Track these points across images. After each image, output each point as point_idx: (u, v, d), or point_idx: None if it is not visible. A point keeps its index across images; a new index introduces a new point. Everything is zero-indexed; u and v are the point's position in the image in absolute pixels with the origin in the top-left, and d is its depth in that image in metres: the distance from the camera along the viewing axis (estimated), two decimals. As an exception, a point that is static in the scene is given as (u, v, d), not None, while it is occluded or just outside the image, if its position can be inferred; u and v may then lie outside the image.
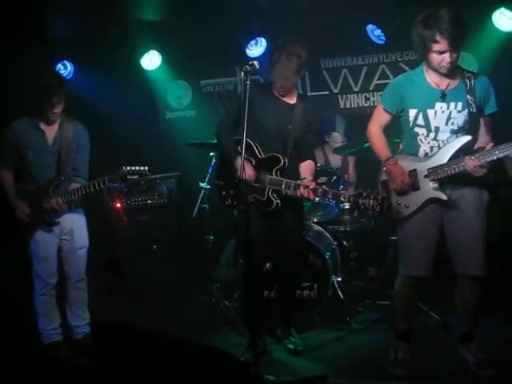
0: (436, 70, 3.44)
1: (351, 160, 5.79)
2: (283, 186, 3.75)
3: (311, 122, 3.97)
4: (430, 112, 3.49)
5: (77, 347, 4.24)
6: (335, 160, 5.70)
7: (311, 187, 3.67)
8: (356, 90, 6.35)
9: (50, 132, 4.23)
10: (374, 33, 5.94)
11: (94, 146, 4.42)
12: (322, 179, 4.95)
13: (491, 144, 3.37)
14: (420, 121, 3.54)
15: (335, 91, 6.43)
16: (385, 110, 3.67)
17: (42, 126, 4.22)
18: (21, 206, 4.19)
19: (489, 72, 5.54)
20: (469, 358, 3.57)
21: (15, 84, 5.19)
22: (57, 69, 6.47)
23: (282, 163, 3.81)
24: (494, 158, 3.30)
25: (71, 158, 4.24)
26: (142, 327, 2.85)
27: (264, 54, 6.05)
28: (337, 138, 5.78)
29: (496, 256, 4.70)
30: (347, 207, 5.20)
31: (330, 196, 3.72)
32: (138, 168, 3.97)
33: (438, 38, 3.27)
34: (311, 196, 3.69)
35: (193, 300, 5.49)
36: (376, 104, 6.04)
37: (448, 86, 3.48)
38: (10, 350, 4.10)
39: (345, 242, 5.20)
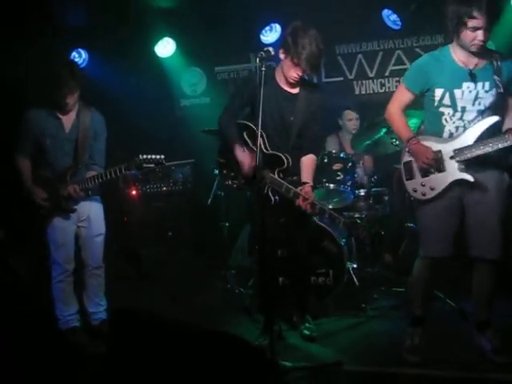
0: (466, 49, 3.38)
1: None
2: (283, 190, 3.71)
3: (315, 111, 3.89)
4: (457, 92, 3.44)
5: (94, 333, 4.27)
6: (350, 147, 5.64)
7: (309, 201, 3.64)
8: (371, 75, 6.33)
9: (68, 120, 4.24)
10: (390, 18, 5.90)
11: (109, 134, 4.43)
12: (338, 166, 4.91)
13: None
14: (446, 100, 3.48)
15: (350, 77, 6.41)
16: (408, 89, 3.59)
17: (60, 114, 4.22)
18: (38, 191, 4.20)
19: (507, 56, 5.50)
20: (485, 344, 3.55)
21: (30, 72, 5.22)
22: (71, 57, 6.51)
23: (285, 165, 3.77)
24: None
25: (88, 145, 4.25)
26: (158, 313, 2.88)
27: (278, 40, 6.02)
28: (350, 115, 5.68)
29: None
30: (362, 194, 5.18)
31: (326, 216, 3.69)
32: (153, 156, 3.99)
33: (475, 13, 3.22)
34: (308, 210, 3.65)
35: (208, 287, 5.53)
36: (392, 89, 6.02)
37: (476, 65, 3.44)
38: (28, 337, 4.17)
39: (360, 229, 5.17)
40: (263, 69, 3.43)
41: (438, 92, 3.49)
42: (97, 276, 4.35)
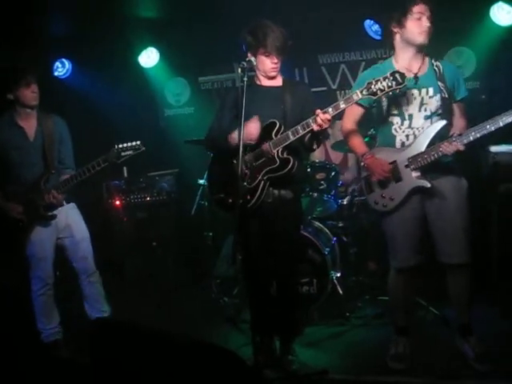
0: (413, 41, 3.46)
1: (351, 156, 5.76)
2: (291, 137, 3.50)
3: (304, 102, 3.72)
4: (402, 99, 3.51)
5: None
6: (336, 156, 5.68)
7: (321, 113, 3.37)
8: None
9: (30, 128, 4.18)
10: (372, 28, 5.94)
11: (91, 144, 4.42)
12: (321, 175, 4.94)
13: (467, 128, 3.42)
14: (393, 109, 3.56)
15: (333, 87, 6.43)
16: (357, 103, 3.59)
17: (21, 123, 4.17)
18: (12, 206, 4.14)
19: (487, 66, 5.58)
20: (468, 351, 3.58)
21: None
22: (55, 67, 6.50)
23: (277, 126, 3.60)
24: (471, 138, 3.32)
25: (56, 150, 4.21)
26: (143, 324, 2.86)
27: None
28: (340, 125, 5.63)
29: (495, 250, 4.71)
30: (346, 203, 5.20)
31: (342, 106, 3.39)
32: (130, 144, 3.94)
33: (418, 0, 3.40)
34: (328, 116, 3.37)
35: (192, 297, 5.51)
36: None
37: (418, 70, 3.52)
38: (10, 350, 4.12)
39: (344, 238, 5.20)
40: (245, 79, 3.42)
41: (385, 102, 3.56)
42: (93, 283, 4.30)
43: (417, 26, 3.42)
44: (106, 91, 6.39)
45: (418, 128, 3.52)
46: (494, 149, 4.72)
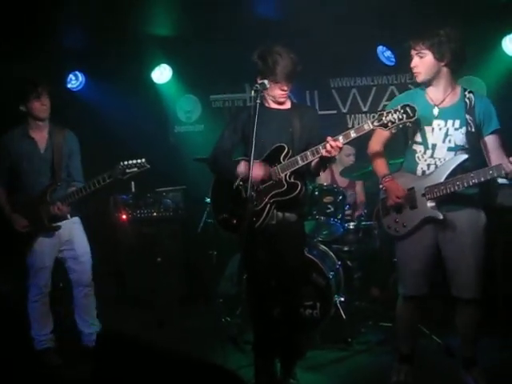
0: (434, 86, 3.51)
1: (359, 182, 5.78)
2: (300, 162, 3.52)
3: (312, 126, 3.75)
4: (428, 129, 3.51)
5: (84, 353, 4.25)
6: (342, 180, 5.68)
7: (332, 140, 3.38)
8: (365, 109, 6.40)
9: (41, 139, 4.28)
10: (384, 54, 5.98)
11: (102, 157, 4.45)
12: (328, 198, 4.95)
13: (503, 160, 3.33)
14: (418, 138, 3.56)
15: (344, 111, 6.47)
16: None
17: (32, 134, 4.26)
18: (17, 219, 4.21)
19: (497, 97, 5.59)
20: (471, 383, 3.55)
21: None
22: (68, 79, 6.55)
23: (286, 150, 3.60)
24: (482, 179, 3.30)
25: (64, 163, 4.29)
26: (143, 340, 2.85)
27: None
28: (349, 150, 5.63)
29: (499, 280, 4.69)
30: (352, 227, 5.20)
31: (352, 135, 3.39)
32: (135, 161, 4.00)
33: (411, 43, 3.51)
34: (339, 144, 3.38)
35: (195, 314, 5.50)
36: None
37: (447, 102, 3.51)
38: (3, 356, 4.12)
39: (349, 262, 5.19)
40: (258, 101, 3.44)
41: (410, 129, 3.55)
42: (87, 296, 4.36)
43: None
44: (117, 105, 6.43)
45: (440, 159, 3.49)
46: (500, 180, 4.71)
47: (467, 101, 3.49)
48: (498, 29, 5.53)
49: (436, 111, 3.50)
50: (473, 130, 3.46)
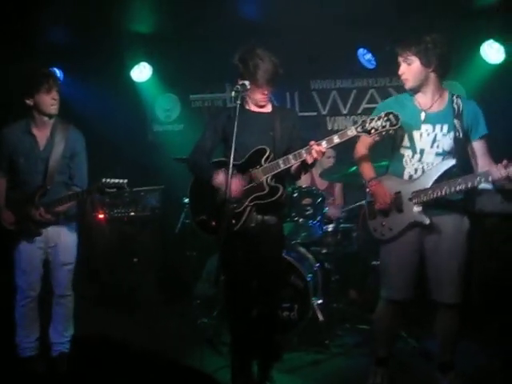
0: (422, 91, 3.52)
1: (338, 183, 5.78)
2: (281, 165, 3.51)
3: (292, 128, 3.74)
4: (416, 134, 3.52)
5: (51, 364, 4.12)
6: (321, 182, 5.68)
7: (315, 145, 3.39)
8: (344, 112, 6.42)
9: (42, 137, 4.07)
10: (365, 57, 6.01)
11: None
12: (307, 200, 4.95)
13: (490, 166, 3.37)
14: (406, 142, 3.56)
15: (324, 113, 6.49)
16: None
17: (34, 131, 4.06)
18: (6, 215, 4.06)
19: (476, 101, 5.64)
20: (446, 386, 3.56)
21: (6, 87, 5.12)
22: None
23: (267, 152, 3.59)
24: (469, 186, 3.33)
25: (62, 165, 4.07)
26: (119, 341, 2.81)
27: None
28: (329, 153, 5.60)
29: (476, 283, 4.74)
30: (331, 229, 5.20)
31: (336, 141, 3.40)
32: (116, 181, 3.86)
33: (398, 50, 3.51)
34: (322, 149, 3.38)
35: (171, 315, 5.45)
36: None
37: (435, 108, 3.52)
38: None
39: (327, 264, 5.19)
40: (238, 102, 3.42)
41: (399, 134, 3.56)
42: (61, 304, 4.16)
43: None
44: (96, 102, 6.38)
45: (428, 163, 3.51)
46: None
47: (455, 106, 3.50)
48: (478, 34, 5.59)
49: (424, 116, 3.51)
50: (461, 135, 3.47)
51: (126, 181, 3.91)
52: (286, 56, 3.81)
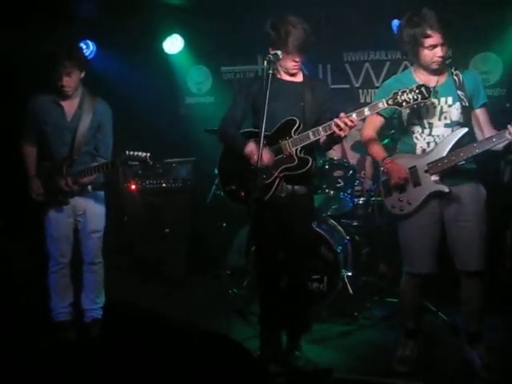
0: (427, 67, 3.49)
1: (369, 156, 5.73)
2: (311, 137, 3.49)
3: (323, 99, 3.71)
4: (421, 109, 3.51)
5: (83, 330, 4.25)
6: (353, 155, 5.65)
7: (345, 117, 3.34)
8: (377, 85, 6.31)
9: (70, 108, 4.14)
10: (399, 29, 5.89)
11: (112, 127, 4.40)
12: (339, 173, 4.93)
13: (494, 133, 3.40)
14: (413, 119, 3.57)
15: (356, 85, 6.40)
16: (378, 113, 3.61)
17: (62, 102, 4.13)
18: (35, 185, 4.17)
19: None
20: (476, 359, 3.55)
21: (39, 60, 5.19)
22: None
23: (297, 124, 3.56)
24: (491, 146, 3.34)
25: (89, 136, 4.14)
26: (151, 310, 2.86)
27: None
28: (360, 126, 5.56)
29: (509, 257, 4.69)
30: (361, 202, 5.18)
31: (366, 113, 3.39)
32: (139, 154, 3.91)
33: (429, 32, 3.34)
34: (354, 121, 3.34)
35: (202, 286, 5.54)
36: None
37: (437, 82, 3.52)
38: (18, 328, 4.15)
39: (357, 237, 5.18)
40: (270, 71, 3.40)
41: (405, 112, 3.56)
42: (93, 272, 4.29)
43: (430, 56, 3.43)
44: (128, 75, 6.40)
45: (439, 135, 3.52)
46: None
47: (455, 78, 3.51)
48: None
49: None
50: (467, 104, 3.48)
51: (148, 154, 3.94)
52: (319, 28, 3.77)
